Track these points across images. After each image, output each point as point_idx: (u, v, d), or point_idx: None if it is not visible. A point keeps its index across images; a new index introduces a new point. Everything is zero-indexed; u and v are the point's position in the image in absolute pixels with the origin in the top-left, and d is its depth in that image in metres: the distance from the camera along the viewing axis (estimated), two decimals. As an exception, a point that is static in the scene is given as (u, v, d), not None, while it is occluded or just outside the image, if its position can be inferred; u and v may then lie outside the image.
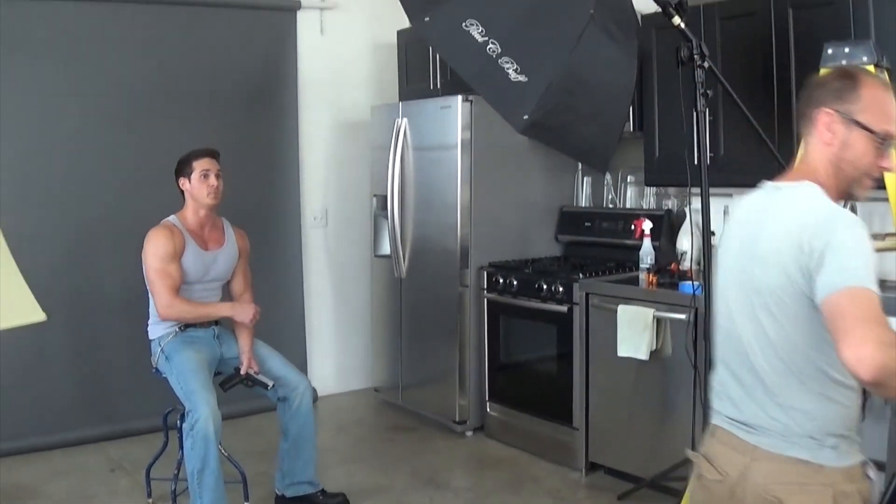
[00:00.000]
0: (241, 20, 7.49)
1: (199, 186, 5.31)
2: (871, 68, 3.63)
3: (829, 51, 3.72)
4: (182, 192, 5.39)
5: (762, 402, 2.70)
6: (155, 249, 5.15)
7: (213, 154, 5.41)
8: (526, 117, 4.43)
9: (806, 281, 2.50)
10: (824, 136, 2.69)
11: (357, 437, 7.08)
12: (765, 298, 2.65)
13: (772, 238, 2.66)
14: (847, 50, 3.68)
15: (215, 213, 5.49)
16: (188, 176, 5.32)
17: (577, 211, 7.25)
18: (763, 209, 2.77)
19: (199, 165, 5.32)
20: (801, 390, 2.61)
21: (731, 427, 2.79)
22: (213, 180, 5.33)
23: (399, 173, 7.19)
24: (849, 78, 2.70)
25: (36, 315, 4.00)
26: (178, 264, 5.19)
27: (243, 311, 5.25)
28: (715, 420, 2.89)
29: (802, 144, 2.79)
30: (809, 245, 2.48)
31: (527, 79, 4.42)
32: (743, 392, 2.76)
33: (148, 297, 5.25)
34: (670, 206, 6.53)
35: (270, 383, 5.36)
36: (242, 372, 5.35)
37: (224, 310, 5.26)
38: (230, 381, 5.39)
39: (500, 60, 4.40)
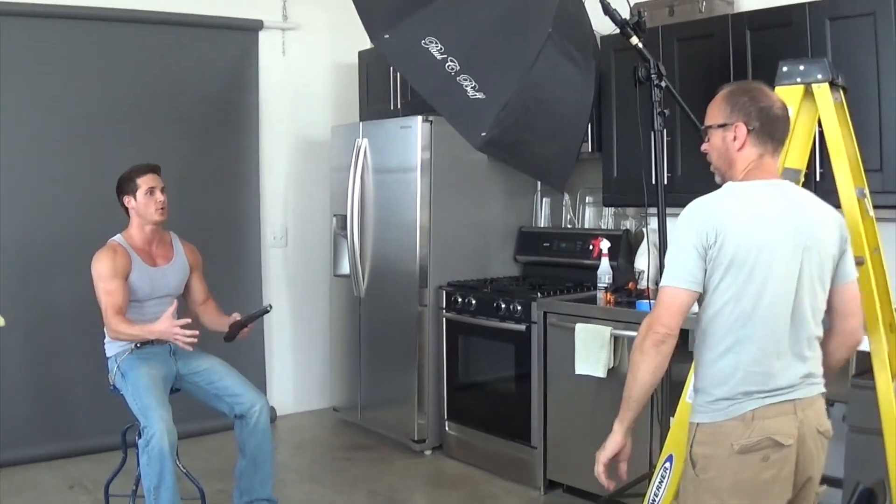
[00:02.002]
0: (204, 39, 7.50)
1: (146, 203, 5.28)
2: (825, 86, 3.67)
3: (784, 69, 3.75)
4: (126, 209, 5.37)
5: (809, 359, 3.26)
6: (98, 270, 5.13)
7: (155, 169, 5.39)
8: (483, 134, 4.45)
9: (835, 262, 3.31)
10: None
11: (316, 456, 7.06)
12: (823, 273, 3.28)
13: (822, 224, 3.29)
14: (802, 68, 3.71)
15: (162, 227, 5.46)
16: (133, 193, 5.29)
17: (536, 231, 7.27)
18: (794, 199, 3.31)
19: (144, 182, 5.29)
20: (819, 335, 3.30)
21: (770, 398, 3.17)
22: (159, 196, 5.31)
23: (359, 193, 7.20)
24: None
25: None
26: (123, 283, 5.16)
27: (169, 333, 4.95)
28: (748, 406, 3.17)
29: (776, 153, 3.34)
30: (843, 234, 3.34)
31: (485, 96, 4.44)
32: (791, 358, 3.22)
33: (103, 315, 5.24)
34: (628, 227, 6.57)
35: (266, 306, 5.50)
36: (233, 320, 5.39)
37: (160, 327, 4.98)
38: (232, 332, 5.37)
39: (458, 78, 4.42)
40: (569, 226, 7.15)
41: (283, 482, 6.17)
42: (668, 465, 3.97)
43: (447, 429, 6.88)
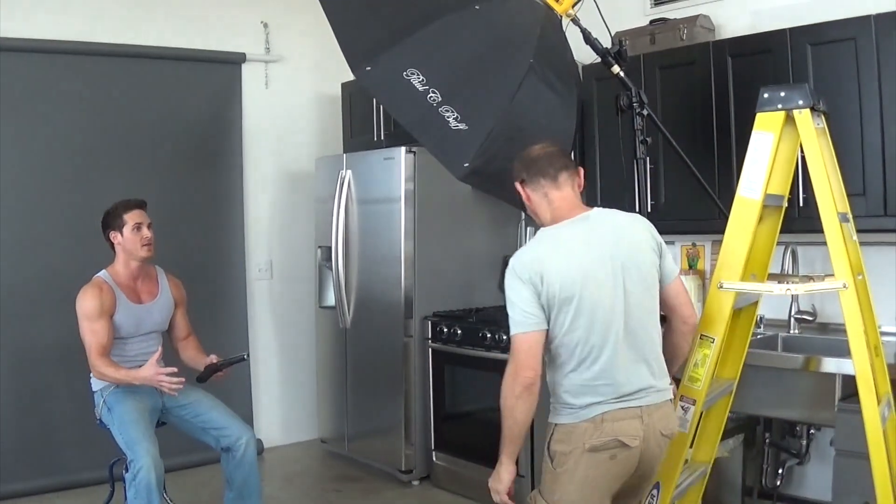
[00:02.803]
0: (187, 72, 7.51)
1: (133, 239, 5.28)
2: (807, 112, 3.68)
3: (766, 95, 3.76)
4: (112, 244, 5.36)
5: (653, 368, 3.70)
6: (83, 308, 5.12)
7: (142, 205, 5.39)
8: (466, 165, 4.46)
9: (657, 268, 3.77)
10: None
11: (303, 488, 7.02)
12: (648, 283, 3.72)
13: (633, 239, 3.76)
14: (783, 94, 3.72)
15: (148, 262, 5.46)
16: (119, 229, 5.29)
17: (521, 260, 7.23)
18: (601, 226, 3.76)
19: (131, 218, 5.29)
20: (658, 343, 3.74)
21: (618, 403, 3.61)
22: (146, 232, 5.31)
23: (343, 224, 7.21)
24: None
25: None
26: (108, 322, 5.15)
27: (154, 380, 4.95)
28: (598, 410, 3.62)
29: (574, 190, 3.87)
30: (656, 239, 3.81)
31: (467, 127, 4.44)
32: (634, 368, 3.66)
33: (90, 350, 5.21)
34: (612, 255, 6.57)
35: (243, 354, 5.49)
36: (209, 362, 5.39)
37: (145, 373, 4.98)
38: (205, 374, 5.36)
39: (440, 109, 4.43)
40: (553, 254, 7.13)
41: (272, 515, 6.14)
42: (654, 492, 3.99)
43: (435, 459, 6.87)
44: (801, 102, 3.69)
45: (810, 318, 5.37)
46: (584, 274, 3.60)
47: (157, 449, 4.86)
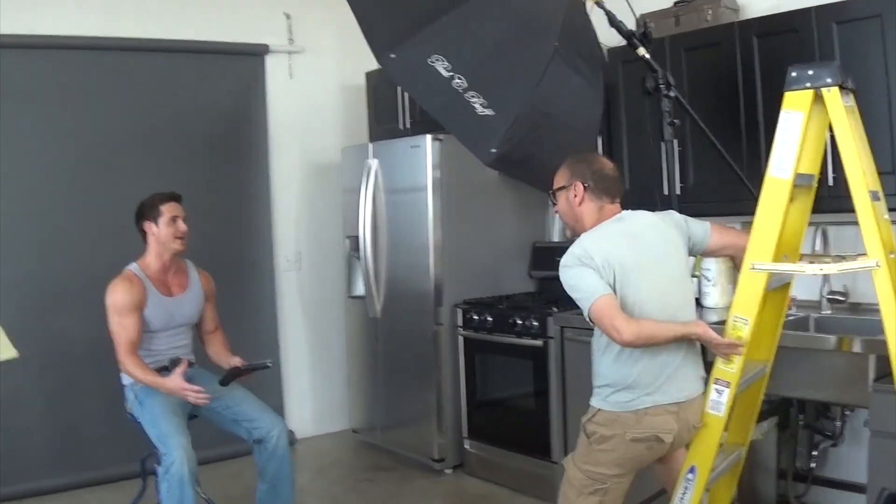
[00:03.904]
0: (211, 65, 7.52)
1: (167, 232, 5.27)
2: (836, 90, 3.64)
3: (793, 74, 3.72)
4: (144, 235, 5.35)
5: (690, 360, 4.05)
6: (113, 302, 5.11)
7: (178, 198, 5.38)
8: (493, 150, 4.44)
9: (688, 248, 4.21)
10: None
11: (336, 479, 7.03)
12: (683, 271, 4.17)
13: (664, 235, 4.14)
14: (811, 72, 3.67)
15: (180, 256, 5.45)
16: (155, 220, 5.28)
17: (550, 246, 7.28)
18: (636, 225, 4.15)
19: (168, 210, 5.28)
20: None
21: (660, 399, 3.92)
22: (181, 225, 5.31)
23: (371, 213, 7.20)
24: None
25: (7, 352, 3.99)
26: (138, 317, 5.14)
27: (179, 392, 4.96)
28: (642, 404, 3.93)
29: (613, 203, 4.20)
30: (679, 223, 4.21)
31: (494, 112, 4.43)
32: (678, 364, 3.98)
33: (121, 344, 5.21)
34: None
35: (267, 361, 5.43)
36: (233, 364, 5.37)
37: (170, 384, 4.98)
38: (227, 378, 5.33)
39: (466, 95, 4.41)
40: (582, 239, 7.11)
41: (305, 505, 6.15)
42: (690, 476, 3.97)
43: (467, 447, 6.87)
44: (829, 80, 3.64)
45: (842, 299, 5.33)
46: (630, 265, 3.95)
47: (190, 442, 4.85)
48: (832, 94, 3.63)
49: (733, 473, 4.44)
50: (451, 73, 4.41)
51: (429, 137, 6.75)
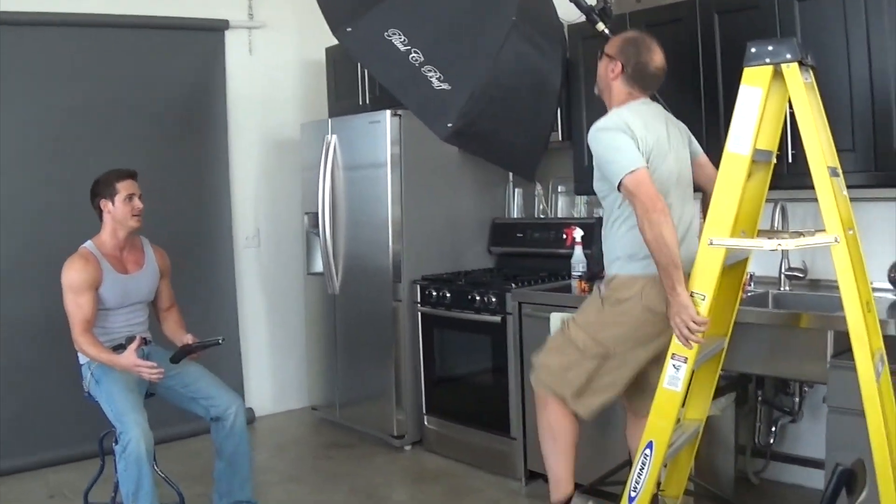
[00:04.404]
0: (170, 41, 7.43)
1: (124, 209, 5.23)
2: (795, 66, 3.63)
3: (753, 49, 3.71)
4: (100, 213, 5.31)
5: (689, 234, 4.29)
6: (69, 281, 5.08)
7: (134, 175, 5.33)
8: (450, 125, 4.42)
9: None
10: None
11: (295, 456, 7.01)
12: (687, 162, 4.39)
13: (678, 126, 4.43)
14: (770, 48, 3.66)
15: (135, 233, 5.41)
16: (111, 198, 5.23)
17: (509, 222, 7.27)
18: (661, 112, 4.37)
19: (124, 188, 5.24)
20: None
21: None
22: (137, 203, 5.26)
23: (330, 190, 7.16)
24: None
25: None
26: (93, 295, 5.10)
27: (132, 369, 4.91)
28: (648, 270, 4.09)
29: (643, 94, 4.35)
30: (685, 130, 4.50)
31: (450, 87, 4.41)
32: (682, 232, 4.18)
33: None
34: (601, 214, 6.52)
35: (218, 338, 5.33)
36: (185, 342, 5.32)
37: (124, 361, 4.93)
38: (178, 355, 5.26)
39: (423, 69, 4.39)
40: (541, 216, 7.16)
41: (264, 483, 6.16)
42: (648, 451, 3.97)
43: (426, 423, 6.85)
44: (788, 56, 3.63)
45: (801, 275, 5.35)
46: (662, 145, 4.16)
47: (147, 420, 4.82)
48: (791, 70, 3.62)
49: (691, 449, 4.47)
50: (407, 47, 4.38)
51: (388, 113, 6.71)
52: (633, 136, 4.01)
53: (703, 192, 4.50)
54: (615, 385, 4.33)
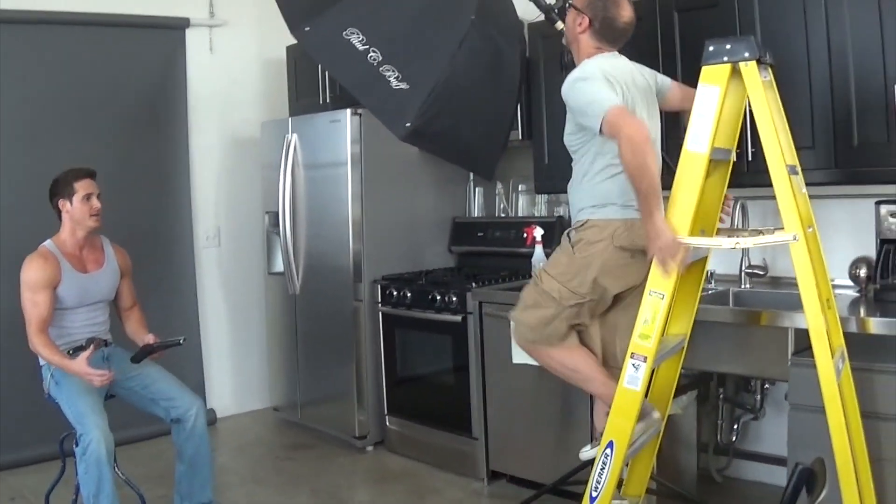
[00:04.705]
0: (130, 39, 7.38)
1: (82, 209, 5.19)
2: (753, 64, 3.63)
3: (711, 48, 3.71)
4: (59, 212, 5.27)
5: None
6: (27, 279, 5.05)
7: (92, 174, 5.29)
8: (408, 125, 4.40)
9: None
10: None
11: (257, 457, 6.97)
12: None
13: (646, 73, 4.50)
14: (728, 46, 3.67)
15: (95, 233, 5.38)
16: (69, 197, 5.19)
17: (470, 221, 7.26)
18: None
19: (82, 187, 5.20)
20: None
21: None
22: (95, 202, 5.22)
23: (290, 189, 7.13)
24: None
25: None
26: (51, 294, 5.07)
27: (83, 375, 4.86)
28: (630, 215, 4.17)
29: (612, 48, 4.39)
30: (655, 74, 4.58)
31: (408, 86, 4.39)
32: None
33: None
34: (561, 213, 6.54)
35: (180, 339, 5.30)
36: (146, 342, 5.28)
37: (75, 367, 4.88)
38: (139, 355, 5.23)
39: (381, 68, 4.37)
40: (502, 214, 7.14)
41: (226, 485, 6.14)
42: (608, 451, 3.96)
43: (388, 423, 6.83)
44: (746, 55, 3.63)
45: (762, 273, 5.35)
46: (634, 94, 4.23)
47: (107, 422, 4.79)
48: (749, 68, 3.63)
49: (651, 448, 4.46)
50: (366, 47, 4.36)
51: (348, 112, 6.69)
52: (610, 81, 4.08)
53: (683, 113, 4.52)
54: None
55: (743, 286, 5.42)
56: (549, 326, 4.39)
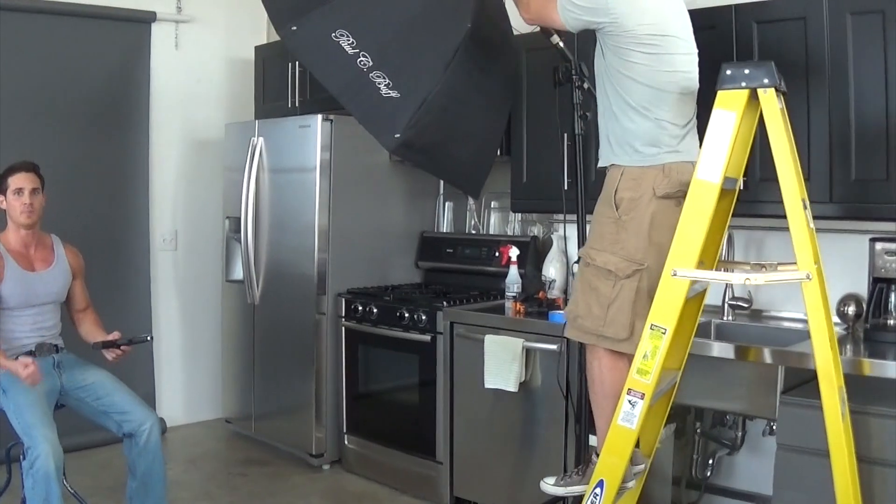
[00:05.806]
0: (93, 30, 7.20)
1: (13, 205, 5.09)
2: (772, 92, 3.48)
3: (728, 72, 3.56)
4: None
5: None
6: None
7: (29, 168, 5.16)
8: (398, 136, 4.18)
9: None
10: None
11: (209, 472, 6.77)
12: None
13: None
14: (747, 71, 3.52)
15: (40, 230, 5.25)
16: (3, 193, 5.09)
17: (439, 237, 7.13)
18: None
19: (14, 182, 5.08)
20: None
21: (681, 156, 4.00)
22: (26, 198, 5.08)
23: (254, 194, 6.95)
24: None
25: None
26: None
27: (20, 372, 4.67)
28: (666, 159, 3.99)
29: None
30: None
31: (399, 95, 4.18)
32: (691, 123, 4.10)
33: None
34: (535, 233, 6.39)
35: (147, 335, 5.32)
36: (112, 338, 5.15)
37: (10, 366, 4.73)
38: (104, 344, 5.11)
39: (371, 74, 4.16)
40: (473, 231, 6.99)
41: (177, 500, 5.94)
42: (598, 490, 3.81)
43: (346, 442, 6.66)
44: (766, 81, 3.49)
45: (745, 306, 5.22)
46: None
47: (56, 434, 4.60)
48: (768, 96, 3.50)
49: (637, 485, 4.31)
50: (355, 50, 4.15)
51: (319, 118, 6.54)
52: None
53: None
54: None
55: (725, 318, 5.28)
56: (610, 309, 4.00)
